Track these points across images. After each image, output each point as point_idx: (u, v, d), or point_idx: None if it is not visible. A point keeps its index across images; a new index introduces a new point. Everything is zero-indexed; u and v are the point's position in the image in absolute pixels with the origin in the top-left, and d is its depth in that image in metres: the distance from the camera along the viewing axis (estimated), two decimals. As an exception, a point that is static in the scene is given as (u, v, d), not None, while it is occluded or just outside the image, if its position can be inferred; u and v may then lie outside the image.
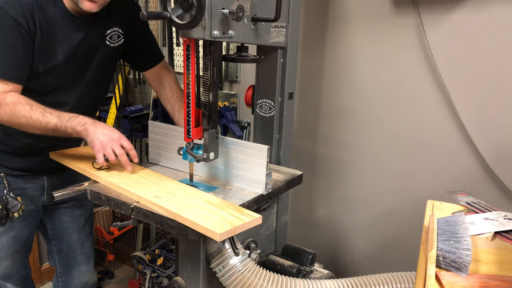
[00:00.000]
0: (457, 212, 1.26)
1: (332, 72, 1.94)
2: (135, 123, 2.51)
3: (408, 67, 1.74)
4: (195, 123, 1.40)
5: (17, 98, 1.44)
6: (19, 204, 1.68)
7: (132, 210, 1.32)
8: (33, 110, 1.43)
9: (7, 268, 1.79)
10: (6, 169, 1.68)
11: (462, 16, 1.59)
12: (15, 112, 1.42)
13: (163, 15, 1.23)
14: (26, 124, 1.44)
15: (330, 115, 1.99)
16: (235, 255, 1.32)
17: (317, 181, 2.09)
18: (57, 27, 1.50)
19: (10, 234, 1.74)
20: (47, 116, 1.44)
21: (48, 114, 1.44)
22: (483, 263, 1.02)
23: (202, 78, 1.36)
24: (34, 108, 1.43)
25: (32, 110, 1.43)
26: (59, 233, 1.91)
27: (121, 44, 1.69)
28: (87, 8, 1.46)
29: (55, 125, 1.44)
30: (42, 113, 1.43)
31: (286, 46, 1.58)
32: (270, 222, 1.67)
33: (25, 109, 1.42)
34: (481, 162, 1.65)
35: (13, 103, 1.42)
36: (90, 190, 1.42)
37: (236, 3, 1.23)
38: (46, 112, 1.44)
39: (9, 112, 1.42)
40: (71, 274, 1.96)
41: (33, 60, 1.49)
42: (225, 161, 1.48)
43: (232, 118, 2.18)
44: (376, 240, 1.99)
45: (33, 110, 1.43)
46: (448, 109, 1.69)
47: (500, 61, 1.56)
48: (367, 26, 1.81)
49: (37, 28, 1.46)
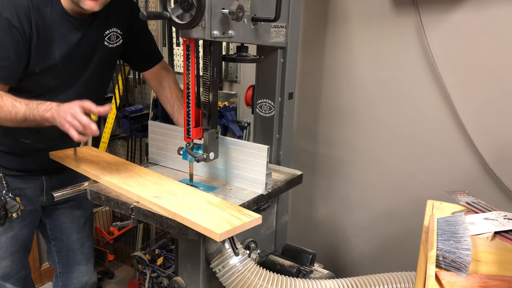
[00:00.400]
0: (457, 212, 1.26)
1: (332, 72, 1.94)
2: (135, 123, 2.51)
3: (408, 67, 1.74)
4: (195, 123, 1.40)
5: None
6: (17, 204, 1.68)
7: (132, 210, 1.32)
8: (3, 101, 1.38)
9: (6, 268, 1.79)
10: (4, 169, 1.68)
11: (462, 16, 1.59)
12: None
13: (163, 15, 1.23)
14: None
15: (330, 115, 1.99)
16: (235, 255, 1.32)
17: (317, 181, 2.09)
18: (54, 27, 1.50)
19: (9, 234, 1.74)
20: (16, 106, 1.38)
21: (17, 103, 1.38)
22: (483, 263, 1.02)
23: (202, 78, 1.36)
24: (5, 99, 1.39)
25: (2, 101, 1.39)
26: (59, 233, 1.91)
27: (119, 44, 1.69)
28: (88, 7, 1.45)
29: (23, 114, 1.37)
30: (12, 103, 1.38)
31: (286, 46, 1.58)
32: (270, 222, 1.67)
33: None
34: (481, 162, 1.65)
35: None
36: (90, 190, 1.42)
37: (236, 3, 1.23)
38: (15, 101, 1.39)
39: None
40: (70, 274, 1.96)
41: (29, 61, 1.48)
42: (225, 161, 1.48)
43: (232, 118, 2.17)
44: (376, 240, 1.99)
45: (3, 100, 1.39)
46: (448, 109, 1.69)
47: (500, 61, 1.56)
48: (367, 26, 1.81)
49: (33, 30, 1.45)
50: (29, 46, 1.47)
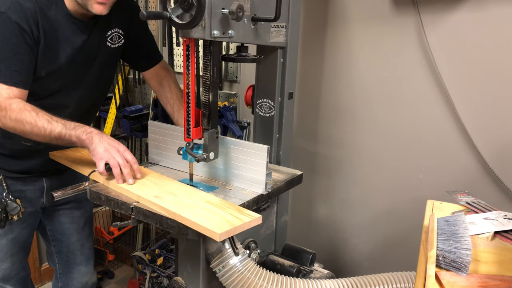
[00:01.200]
0: (457, 212, 1.26)
1: (332, 72, 1.94)
2: (135, 123, 2.51)
3: (408, 67, 1.74)
4: (195, 123, 1.40)
5: (23, 105, 1.42)
6: (18, 207, 1.68)
7: (132, 210, 1.32)
8: (39, 117, 1.41)
9: (6, 270, 1.79)
10: (5, 171, 1.68)
11: (462, 16, 1.59)
12: (20, 118, 1.40)
13: (163, 15, 1.23)
14: (30, 130, 1.41)
15: (330, 115, 1.99)
16: (235, 255, 1.32)
17: (317, 181, 2.09)
18: (59, 30, 1.49)
19: (10, 237, 1.74)
20: (52, 124, 1.41)
21: (54, 122, 1.41)
22: (483, 263, 1.02)
23: (202, 78, 1.36)
24: (40, 115, 1.41)
25: (38, 117, 1.40)
26: (59, 235, 1.91)
27: (121, 45, 1.69)
28: (98, 11, 1.45)
29: (59, 133, 1.40)
30: (48, 120, 1.41)
31: (286, 46, 1.58)
32: (270, 222, 1.67)
33: (31, 116, 1.40)
34: (481, 162, 1.65)
35: (19, 109, 1.40)
36: (89, 190, 1.42)
37: (236, 3, 1.23)
38: (52, 120, 1.41)
39: (14, 118, 1.40)
40: (70, 275, 1.96)
41: (36, 64, 1.48)
42: (225, 161, 1.48)
43: (232, 118, 2.17)
44: (376, 240, 1.99)
45: (39, 117, 1.41)
46: (448, 109, 1.69)
47: (500, 61, 1.56)
48: (367, 26, 1.81)
49: (41, 33, 1.45)
50: (37, 49, 1.46)
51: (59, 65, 1.53)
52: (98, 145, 1.40)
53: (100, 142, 1.40)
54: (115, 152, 1.40)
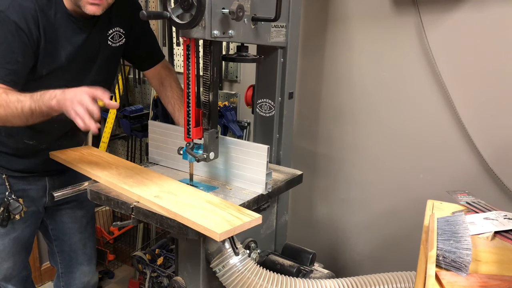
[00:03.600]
0: (457, 212, 1.26)
1: (332, 72, 1.94)
2: (135, 123, 2.51)
3: (408, 66, 1.74)
4: (195, 123, 1.40)
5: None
6: (20, 206, 1.68)
7: (132, 209, 1.32)
8: (8, 97, 1.36)
9: (8, 269, 1.79)
10: (7, 170, 1.68)
11: (462, 15, 1.59)
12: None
13: (163, 15, 1.23)
14: (5, 113, 1.36)
15: (330, 114, 1.99)
16: (235, 254, 1.32)
17: (317, 181, 2.09)
18: (59, 29, 1.49)
19: (12, 236, 1.74)
20: (21, 100, 1.35)
21: (22, 97, 1.35)
22: (483, 262, 1.02)
23: (202, 78, 1.36)
24: (10, 95, 1.37)
25: (8, 98, 1.36)
26: (61, 234, 1.91)
27: (122, 44, 1.69)
28: (90, 11, 1.45)
29: (29, 107, 1.34)
30: (17, 98, 1.36)
31: (286, 46, 1.58)
32: (270, 221, 1.67)
33: (2, 98, 1.36)
34: (481, 162, 1.65)
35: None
36: (90, 190, 1.42)
37: (236, 3, 1.23)
38: (20, 96, 1.36)
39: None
40: (72, 275, 1.96)
41: (36, 64, 1.48)
42: (225, 161, 1.48)
43: (232, 118, 2.17)
44: (376, 239, 1.99)
45: (8, 96, 1.37)
46: (448, 109, 1.69)
47: (500, 61, 1.56)
48: (367, 25, 1.81)
49: (41, 33, 1.45)
50: (36, 49, 1.46)
51: (59, 64, 1.53)
52: (63, 102, 1.30)
53: (65, 101, 1.30)
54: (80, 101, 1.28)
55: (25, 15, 1.41)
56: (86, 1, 1.43)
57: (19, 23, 1.40)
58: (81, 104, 1.28)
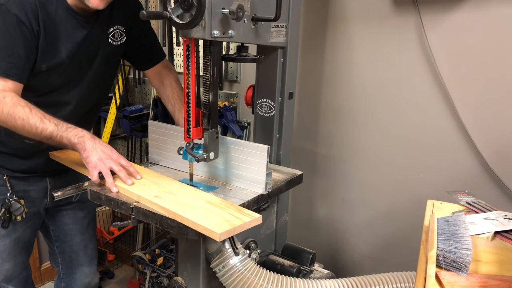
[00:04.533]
0: (457, 212, 1.26)
1: (332, 71, 1.94)
2: (135, 123, 2.51)
3: (408, 66, 1.74)
4: (195, 123, 1.40)
5: (17, 100, 1.39)
6: (22, 207, 1.67)
7: (132, 210, 1.32)
8: (32, 114, 1.38)
9: (9, 270, 1.78)
10: (8, 171, 1.67)
11: (462, 15, 1.59)
12: (13, 113, 1.37)
13: (163, 15, 1.23)
14: (22, 127, 1.38)
15: (330, 114, 1.99)
16: (235, 255, 1.32)
17: (317, 181, 2.09)
18: (60, 25, 1.49)
19: (13, 237, 1.73)
20: (44, 122, 1.38)
21: (46, 120, 1.39)
22: (483, 263, 1.02)
23: (202, 78, 1.36)
24: (34, 112, 1.38)
25: (31, 114, 1.38)
26: (62, 235, 1.90)
27: (123, 42, 1.69)
28: (93, 5, 1.44)
29: (51, 133, 1.38)
30: (40, 118, 1.38)
31: (286, 46, 1.58)
32: (270, 222, 1.67)
33: (24, 112, 1.38)
34: (481, 162, 1.65)
35: (13, 103, 1.38)
36: (90, 190, 1.41)
37: (236, 3, 1.23)
38: (45, 118, 1.39)
39: (6, 112, 1.37)
40: (73, 276, 1.95)
41: (36, 58, 1.47)
42: (225, 161, 1.48)
43: (232, 118, 2.17)
44: (376, 240, 1.99)
45: (32, 113, 1.38)
46: (448, 109, 1.69)
47: (500, 61, 1.55)
48: (367, 25, 1.81)
49: (41, 27, 1.44)
50: (36, 43, 1.45)
51: (60, 60, 1.52)
52: (91, 153, 1.38)
53: (93, 149, 1.39)
54: (109, 160, 1.39)
55: (25, 8, 1.40)
56: None
57: (20, 16, 1.39)
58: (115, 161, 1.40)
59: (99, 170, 1.38)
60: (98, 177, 1.38)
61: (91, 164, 1.38)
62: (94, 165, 1.38)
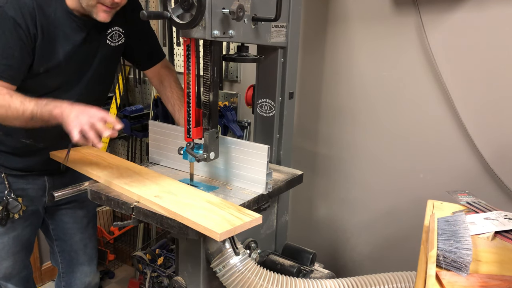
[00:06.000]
0: (458, 212, 1.26)
1: (332, 71, 1.94)
2: (136, 122, 2.51)
3: (409, 66, 1.74)
4: (195, 122, 1.40)
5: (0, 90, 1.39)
6: (19, 205, 1.68)
7: (132, 209, 1.32)
8: (12, 99, 1.38)
9: (8, 268, 1.79)
10: (6, 169, 1.68)
11: (463, 15, 1.59)
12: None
13: (163, 15, 1.24)
14: (6, 114, 1.38)
15: (330, 115, 1.99)
16: (235, 254, 1.32)
17: (317, 181, 2.09)
18: (58, 27, 1.49)
19: (11, 235, 1.74)
20: (25, 104, 1.36)
21: (26, 102, 1.37)
22: (483, 262, 1.02)
23: (203, 78, 1.36)
24: (14, 97, 1.38)
25: (11, 99, 1.38)
26: (62, 234, 1.90)
27: (121, 43, 1.69)
28: (102, 19, 1.46)
29: (31, 112, 1.36)
30: (21, 101, 1.37)
31: (286, 46, 1.58)
32: (270, 221, 1.67)
33: (5, 99, 1.38)
34: (481, 162, 1.65)
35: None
36: (90, 190, 1.42)
37: (237, 3, 1.23)
38: (25, 100, 1.38)
39: None
40: (73, 275, 1.96)
41: (33, 61, 1.48)
42: (226, 161, 1.48)
43: (232, 118, 2.17)
44: (376, 239, 1.99)
45: (13, 99, 1.38)
46: (448, 109, 1.69)
47: (501, 61, 1.55)
48: (367, 25, 1.81)
49: (38, 30, 1.45)
50: (33, 46, 1.46)
51: (57, 62, 1.52)
52: (69, 114, 1.32)
53: (70, 111, 1.33)
54: (89, 117, 1.30)
55: (23, 11, 1.41)
56: (102, 8, 1.44)
57: (17, 19, 1.40)
58: (91, 123, 1.29)
59: (79, 127, 1.28)
60: (80, 136, 1.28)
61: (70, 122, 1.29)
62: (73, 122, 1.29)
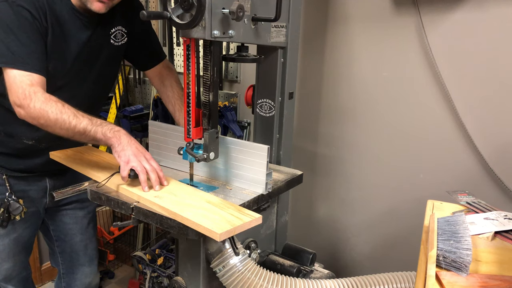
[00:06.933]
0: (457, 212, 1.26)
1: (332, 72, 1.94)
2: (135, 123, 2.51)
3: (409, 67, 1.74)
4: (195, 123, 1.40)
5: (48, 95, 1.37)
6: (21, 207, 1.67)
7: (132, 210, 1.32)
8: (64, 109, 1.36)
9: (8, 270, 1.79)
10: (7, 170, 1.68)
11: (463, 16, 1.59)
12: (45, 108, 1.35)
13: (163, 15, 1.23)
14: (54, 122, 1.35)
15: (330, 115, 1.99)
16: (235, 255, 1.32)
17: (317, 181, 2.09)
18: (65, 25, 1.49)
19: (12, 236, 1.73)
20: (78, 118, 1.36)
21: (79, 116, 1.37)
22: (483, 263, 1.02)
23: (202, 78, 1.36)
24: (66, 108, 1.37)
25: (63, 109, 1.36)
26: (62, 235, 1.90)
27: (124, 43, 1.69)
28: (96, 8, 1.45)
29: (84, 128, 1.36)
30: (74, 113, 1.36)
31: (286, 46, 1.58)
32: (270, 222, 1.67)
33: (57, 106, 1.35)
34: (481, 162, 1.65)
35: (45, 98, 1.36)
36: (90, 190, 1.42)
37: (236, 3, 1.23)
38: (77, 114, 1.37)
39: (39, 107, 1.34)
40: (74, 276, 1.95)
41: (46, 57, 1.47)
42: (225, 161, 1.48)
43: (232, 118, 2.17)
44: (376, 240, 1.99)
45: (65, 108, 1.36)
46: (448, 109, 1.69)
47: (501, 61, 1.56)
48: (367, 26, 1.81)
49: (49, 25, 1.44)
50: (45, 41, 1.45)
51: (64, 60, 1.52)
52: (126, 148, 1.35)
53: (128, 145, 1.36)
54: (143, 158, 1.36)
55: (35, 6, 1.40)
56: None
57: (32, 11, 1.39)
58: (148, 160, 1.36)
59: (131, 166, 1.34)
60: (127, 174, 1.34)
61: (124, 158, 1.34)
62: (127, 160, 1.34)
